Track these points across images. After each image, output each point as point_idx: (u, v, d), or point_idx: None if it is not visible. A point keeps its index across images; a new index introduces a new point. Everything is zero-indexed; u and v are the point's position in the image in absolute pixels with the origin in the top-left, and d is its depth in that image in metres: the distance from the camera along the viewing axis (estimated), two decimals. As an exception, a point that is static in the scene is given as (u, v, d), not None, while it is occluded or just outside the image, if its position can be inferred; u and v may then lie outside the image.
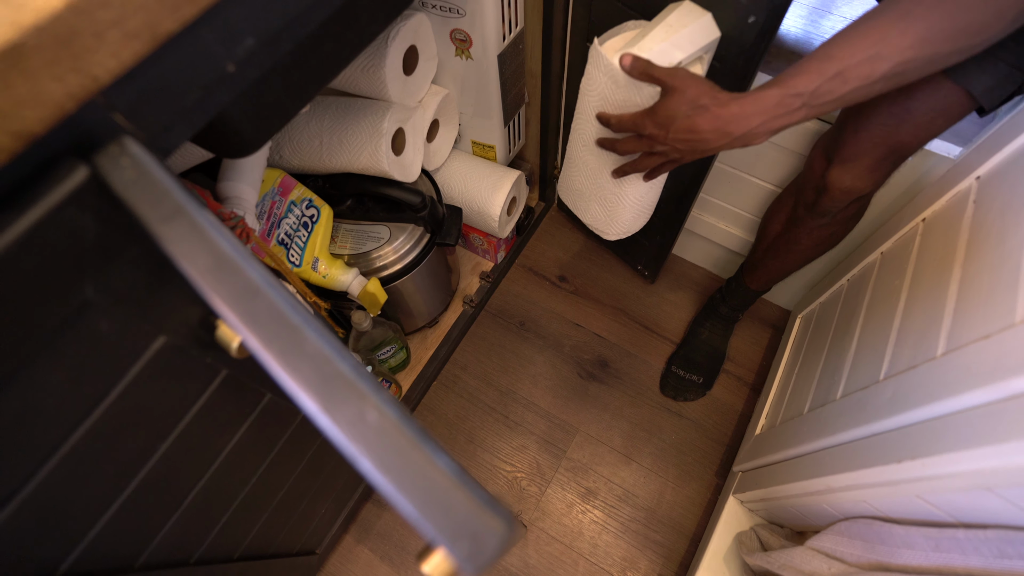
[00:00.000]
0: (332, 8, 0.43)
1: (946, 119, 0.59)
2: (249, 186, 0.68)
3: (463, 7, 0.74)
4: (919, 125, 0.60)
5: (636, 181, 0.72)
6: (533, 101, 1.03)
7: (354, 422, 0.21)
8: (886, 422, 0.52)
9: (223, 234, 0.26)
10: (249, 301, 0.24)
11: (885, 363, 0.59)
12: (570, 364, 1.12)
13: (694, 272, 1.23)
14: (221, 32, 0.33)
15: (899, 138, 0.61)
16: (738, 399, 1.08)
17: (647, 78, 0.55)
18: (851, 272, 0.84)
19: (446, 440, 1.05)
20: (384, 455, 0.20)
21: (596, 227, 0.84)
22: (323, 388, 0.21)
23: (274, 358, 0.22)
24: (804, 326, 0.99)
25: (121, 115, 0.31)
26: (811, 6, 0.86)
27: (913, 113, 0.59)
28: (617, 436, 1.04)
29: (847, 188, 0.66)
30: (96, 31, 0.26)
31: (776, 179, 0.89)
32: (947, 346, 0.50)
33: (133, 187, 0.27)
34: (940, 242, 0.61)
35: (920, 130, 0.60)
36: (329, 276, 0.80)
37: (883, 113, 0.61)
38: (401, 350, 1.01)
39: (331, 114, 0.79)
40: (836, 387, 0.68)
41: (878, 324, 0.66)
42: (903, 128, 0.60)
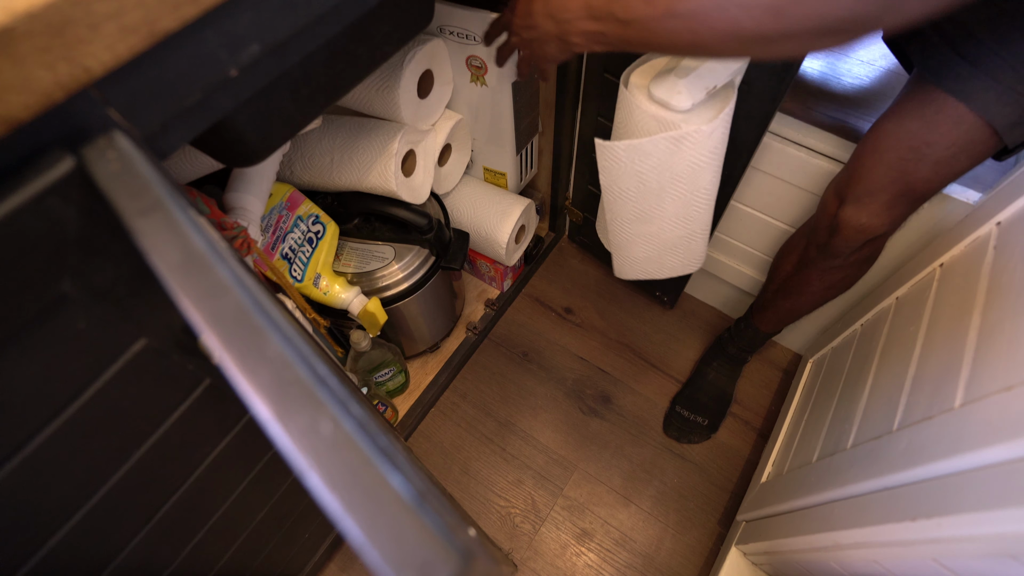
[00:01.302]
0: (342, 24, 0.44)
1: (969, 156, 0.57)
2: (256, 198, 0.68)
3: (479, 34, 0.75)
4: (940, 161, 0.58)
5: (696, 212, 0.74)
6: (546, 131, 1.03)
7: (306, 433, 0.19)
8: (900, 475, 0.49)
9: (200, 232, 0.25)
10: (214, 299, 0.23)
11: (899, 412, 0.56)
12: (572, 398, 1.09)
13: (703, 310, 1.20)
14: (225, 36, 0.33)
15: (918, 174, 0.59)
16: (744, 444, 1.03)
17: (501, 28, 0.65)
18: (865, 317, 0.81)
19: (440, 469, 1.01)
20: (333, 471, 0.18)
21: (677, 272, 0.87)
22: (278, 394, 0.20)
23: (231, 359, 0.21)
24: (815, 371, 0.96)
25: (116, 111, 0.30)
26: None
27: (934, 147, 0.57)
28: (617, 476, 1.00)
29: (861, 227, 0.64)
30: (91, 22, 0.25)
31: (790, 219, 0.88)
32: (966, 397, 0.47)
33: (115, 180, 0.27)
34: (959, 288, 0.58)
35: (941, 167, 0.58)
36: (330, 293, 0.79)
37: (902, 147, 0.59)
38: (400, 373, 1.00)
39: (344, 132, 0.80)
40: (847, 436, 0.65)
41: (892, 371, 0.63)
42: (923, 164, 0.58)
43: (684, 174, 0.67)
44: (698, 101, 0.59)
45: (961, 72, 0.54)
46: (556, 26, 0.51)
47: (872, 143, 0.63)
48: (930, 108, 0.57)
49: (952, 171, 0.58)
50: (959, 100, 0.54)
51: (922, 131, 0.57)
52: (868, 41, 0.89)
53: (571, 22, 0.49)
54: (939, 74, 0.56)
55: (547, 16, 0.51)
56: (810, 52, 0.44)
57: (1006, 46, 0.52)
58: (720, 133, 0.64)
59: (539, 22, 0.52)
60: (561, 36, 0.52)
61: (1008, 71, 0.52)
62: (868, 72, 0.84)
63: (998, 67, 0.52)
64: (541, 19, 0.52)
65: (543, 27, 0.52)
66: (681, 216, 0.75)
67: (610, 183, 0.73)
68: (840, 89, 0.82)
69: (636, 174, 0.69)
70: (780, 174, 0.82)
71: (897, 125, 0.60)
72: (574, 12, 0.49)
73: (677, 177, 0.68)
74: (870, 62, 0.86)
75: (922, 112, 0.58)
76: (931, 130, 0.57)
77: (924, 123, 0.57)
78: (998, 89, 0.52)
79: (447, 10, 0.75)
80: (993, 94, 0.53)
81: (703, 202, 0.73)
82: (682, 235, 0.79)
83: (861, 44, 0.84)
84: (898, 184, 0.61)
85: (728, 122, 0.63)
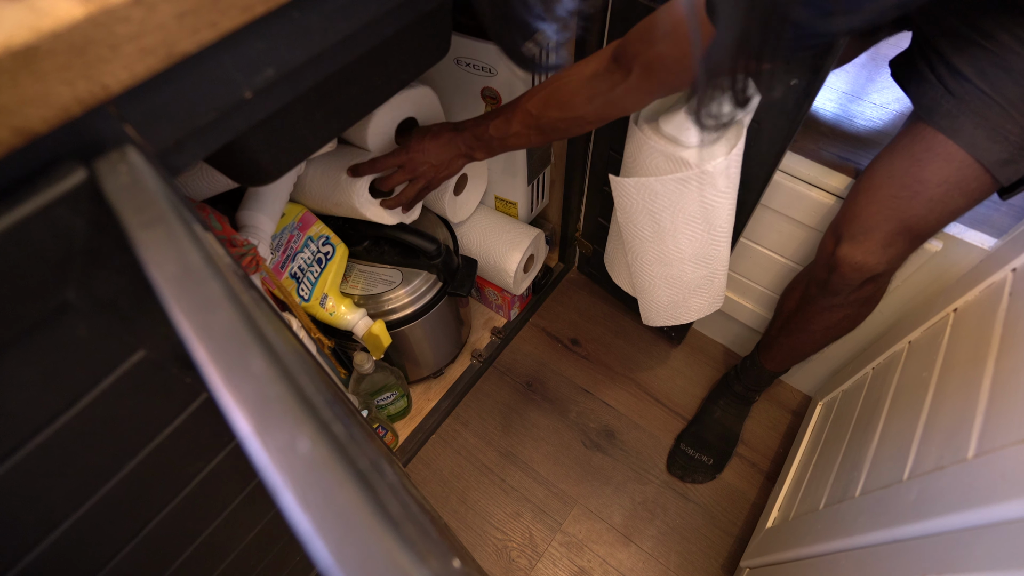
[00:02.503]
0: (357, 52, 0.45)
1: (963, 194, 0.57)
2: (267, 217, 0.69)
3: (495, 67, 0.77)
4: (933, 199, 0.57)
5: (715, 251, 0.75)
6: (559, 162, 1.05)
7: (282, 449, 0.19)
8: (909, 528, 0.47)
9: (201, 247, 0.26)
10: (206, 313, 0.23)
11: (910, 461, 0.54)
12: (575, 431, 1.07)
13: (711, 347, 1.19)
14: (241, 59, 0.35)
15: (912, 211, 0.59)
16: (751, 486, 1.00)
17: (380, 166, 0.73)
18: (876, 360, 0.79)
19: (438, 498, 0.99)
20: (306, 490, 0.18)
21: (703, 313, 0.88)
22: (258, 409, 0.20)
23: (215, 372, 0.21)
24: (825, 413, 0.93)
25: (132, 127, 0.31)
26: (842, 91, 0.87)
27: (926, 185, 0.57)
28: (618, 513, 0.97)
29: (858, 264, 0.63)
30: (112, 43, 0.26)
31: (799, 257, 0.87)
32: (979, 448, 0.45)
33: (123, 192, 0.27)
34: (972, 335, 0.57)
35: (935, 205, 0.58)
36: (336, 314, 0.79)
37: (895, 185, 0.59)
38: (402, 398, 0.99)
39: (334, 157, 0.80)
40: (855, 483, 0.63)
41: (903, 418, 0.61)
42: (916, 201, 0.58)
43: (698, 214, 0.68)
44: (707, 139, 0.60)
45: (951, 110, 0.55)
46: (460, 150, 0.70)
47: (866, 181, 0.63)
48: (920, 145, 0.57)
49: (947, 209, 0.58)
50: (948, 137, 0.55)
51: (913, 168, 0.58)
52: (881, 83, 0.89)
53: (469, 146, 0.69)
54: (930, 111, 0.57)
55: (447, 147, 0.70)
56: None
57: (992, 85, 0.52)
58: (730, 173, 0.64)
59: (443, 154, 0.70)
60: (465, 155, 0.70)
61: (996, 109, 0.52)
62: (881, 115, 0.85)
63: (987, 105, 0.53)
64: (445, 151, 0.70)
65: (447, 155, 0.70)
66: (701, 256, 0.75)
67: (626, 221, 0.74)
68: (852, 130, 0.82)
69: (649, 214, 0.69)
70: (790, 212, 0.82)
71: (889, 163, 0.60)
72: (468, 140, 0.68)
73: (691, 218, 0.68)
74: (883, 105, 0.86)
75: (912, 150, 0.58)
76: (922, 167, 0.57)
77: (914, 161, 0.58)
78: (987, 127, 0.53)
79: (462, 42, 0.77)
80: (982, 131, 0.53)
81: (721, 241, 0.73)
82: (704, 275, 0.79)
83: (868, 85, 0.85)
84: (892, 222, 0.60)
85: (738, 161, 0.64)
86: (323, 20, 0.39)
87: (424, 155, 0.69)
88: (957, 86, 0.55)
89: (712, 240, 0.72)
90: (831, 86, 0.90)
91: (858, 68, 0.94)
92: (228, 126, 0.39)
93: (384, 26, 0.46)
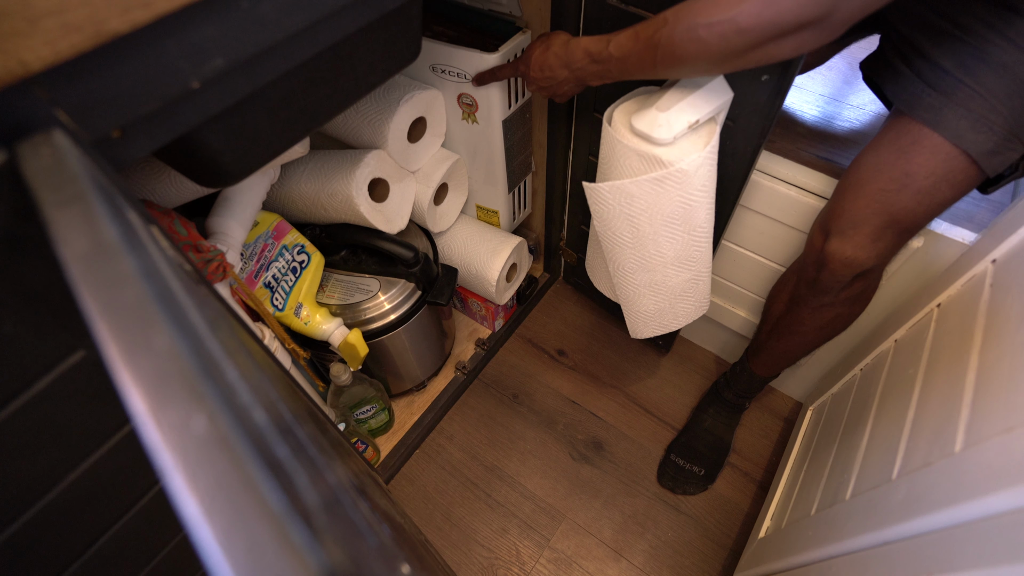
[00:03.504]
0: (318, 47, 0.44)
1: (951, 186, 0.56)
2: (237, 223, 0.67)
3: (471, 73, 0.77)
4: (921, 191, 0.57)
5: (697, 252, 0.73)
6: (540, 171, 1.04)
7: (175, 427, 0.17)
8: (899, 528, 0.45)
9: (120, 225, 0.24)
10: (112, 289, 0.21)
11: (898, 460, 0.52)
12: (562, 443, 1.05)
13: (699, 355, 1.17)
14: (185, 46, 0.33)
15: (900, 204, 0.59)
16: (743, 496, 0.98)
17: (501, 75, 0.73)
18: (864, 361, 0.78)
19: (421, 515, 0.96)
20: (198, 472, 0.16)
21: (691, 318, 0.87)
22: (154, 387, 0.18)
23: (113, 350, 0.19)
24: (815, 419, 0.91)
25: (64, 112, 0.30)
26: (820, 94, 0.87)
27: (913, 177, 0.57)
28: (607, 527, 0.94)
29: (847, 259, 0.63)
30: (30, 16, 0.25)
31: (782, 258, 0.86)
32: (966, 441, 0.43)
33: (42, 173, 0.26)
34: (956, 329, 0.56)
35: (923, 197, 0.57)
36: (311, 323, 0.77)
37: (882, 178, 0.59)
38: (383, 411, 0.96)
39: (322, 158, 0.81)
40: (846, 486, 0.61)
41: (891, 417, 0.60)
42: (904, 194, 0.58)
43: (676, 215, 0.67)
44: (679, 134, 0.59)
45: (933, 103, 0.55)
46: (571, 72, 0.63)
47: (853, 176, 0.63)
48: (906, 139, 0.57)
49: (935, 201, 0.58)
50: (933, 129, 0.55)
51: (900, 161, 0.57)
52: (858, 85, 0.90)
53: (581, 68, 0.61)
54: (912, 105, 0.57)
55: (563, 66, 0.63)
56: (775, 58, 0.48)
57: (973, 76, 0.52)
58: (705, 171, 0.63)
59: (556, 72, 0.64)
60: (576, 79, 0.63)
61: (979, 100, 0.52)
62: (859, 116, 0.85)
63: (969, 97, 0.53)
64: (558, 69, 0.63)
65: (560, 75, 0.64)
66: (683, 259, 0.73)
67: (603, 228, 0.72)
68: (831, 131, 0.82)
69: (627, 218, 0.68)
70: (771, 213, 0.81)
71: (876, 157, 0.60)
72: (581, 60, 0.60)
73: (670, 219, 0.67)
74: (860, 106, 0.86)
75: (899, 143, 0.58)
76: (908, 160, 0.57)
77: (901, 153, 0.57)
78: (971, 118, 0.53)
79: (439, 49, 0.77)
80: (966, 122, 0.53)
81: (702, 241, 0.72)
82: (688, 278, 0.77)
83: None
84: (881, 215, 0.60)
85: (713, 159, 0.63)
86: (276, 11, 0.38)
87: (541, 71, 0.65)
88: (938, 80, 0.55)
89: (693, 241, 0.71)
90: (809, 89, 0.90)
91: (835, 72, 0.94)
92: (178, 118, 0.38)
93: (344, 21, 0.45)
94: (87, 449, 0.39)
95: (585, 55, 0.60)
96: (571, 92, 0.67)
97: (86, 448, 0.39)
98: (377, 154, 0.78)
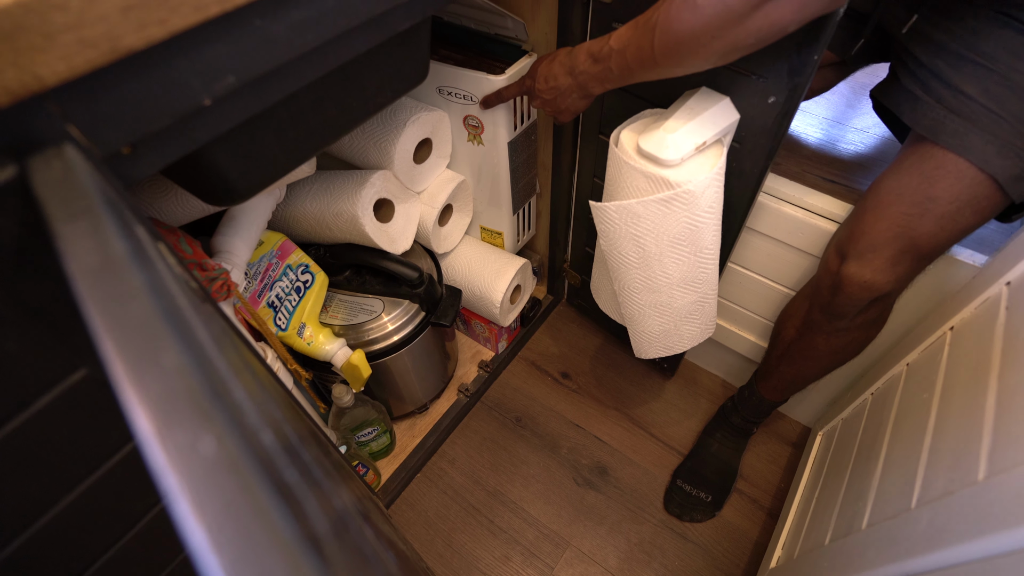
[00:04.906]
0: (327, 68, 0.44)
1: (974, 212, 0.56)
2: (243, 242, 0.67)
3: (477, 95, 0.78)
4: (944, 216, 0.57)
5: (704, 274, 0.73)
6: (544, 193, 1.04)
7: (182, 449, 0.16)
8: (922, 560, 0.43)
9: (128, 240, 0.23)
10: (120, 304, 0.20)
11: (917, 488, 0.51)
12: (566, 468, 1.03)
13: (705, 378, 1.15)
14: (198, 63, 0.33)
15: (922, 229, 0.58)
16: (752, 524, 0.95)
17: (507, 94, 0.73)
18: (875, 385, 0.77)
19: (422, 541, 0.94)
20: (206, 497, 0.15)
21: (697, 340, 0.86)
22: (162, 406, 0.17)
23: (120, 367, 0.18)
24: (825, 444, 0.90)
25: (76, 127, 0.30)
26: (824, 117, 0.88)
27: (936, 202, 0.56)
28: (613, 555, 0.92)
29: (865, 283, 0.62)
30: (47, 31, 0.25)
31: (790, 281, 0.85)
32: (990, 469, 0.42)
33: (52, 187, 0.25)
34: (971, 352, 0.55)
35: (946, 222, 0.57)
36: (314, 344, 0.76)
37: (905, 203, 0.58)
38: (384, 434, 0.95)
39: (327, 178, 0.81)
40: (861, 515, 0.59)
41: (907, 443, 0.58)
42: (926, 219, 0.57)
43: (683, 236, 0.66)
44: (686, 155, 0.59)
45: (957, 128, 0.55)
46: (574, 78, 0.62)
47: (873, 199, 0.62)
48: (929, 164, 0.57)
49: (957, 227, 0.57)
50: (958, 154, 0.55)
51: (923, 186, 0.57)
52: (861, 109, 0.90)
53: (584, 71, 0.60)
54: (935, 131, 0.56)
55: (566, 73, 0.62)
56: (776, 24, 0.46)
57: (998, 103, 0.52)
58: (712, 192, 0.63)
59: (560, 80, 0.63)
60: (579, 84, 0.62)
61: (1005, 126, 0.52)
62: (863, 139, 0.85)
63: (995, 123, 0.53)
64: (562, 77, 0.63)
65: (564, 82, 0.63)
66: (689, 280, 0.73)
67: (610, 247, 0.72)
68: (836, 154, 0.82)
69: (633, 238, 0.68)
70: (777, 235, 0.81)
71: (897, 181, 0.60)
72: (583, 62, 0.60)
73: (676, 240, 0.67)
74: (864, 129, 0.87)
75: (922, 168, 0.57)
76: (931, 185, 0.56)
77: (924, 178, 0.57)
78: (997, 144, 0.53)
79: (445, 71, 0.78)
80: (993, 148, 0.53)
81: (709, 263, 0.71)
82: (694, 300, 0.77)
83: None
84: (902, 239, 0.59)
85: (720, 181, 0.63)
86: (288, 30, 0.38)
87: (546, 82, 0.65)
88: (961, 105, 0.55)
89: (699, 263, 0.71)
90: (813, 113, 0.91)
91: (839, 96, 0.95)
92: (188, 135, 0.37)
93: (355, 42, 0.45)
94: (86, 469, 0.38)
95: (587, 56, 0.59)
96: (574, 106, 0.66)
97: (85, 468, 0.38)
98: (383, 174, 0.79)
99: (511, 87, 0.73)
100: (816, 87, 0.82)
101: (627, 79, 0.57)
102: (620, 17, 0.67)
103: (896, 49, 0.64)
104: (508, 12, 0.76)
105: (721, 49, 0.49)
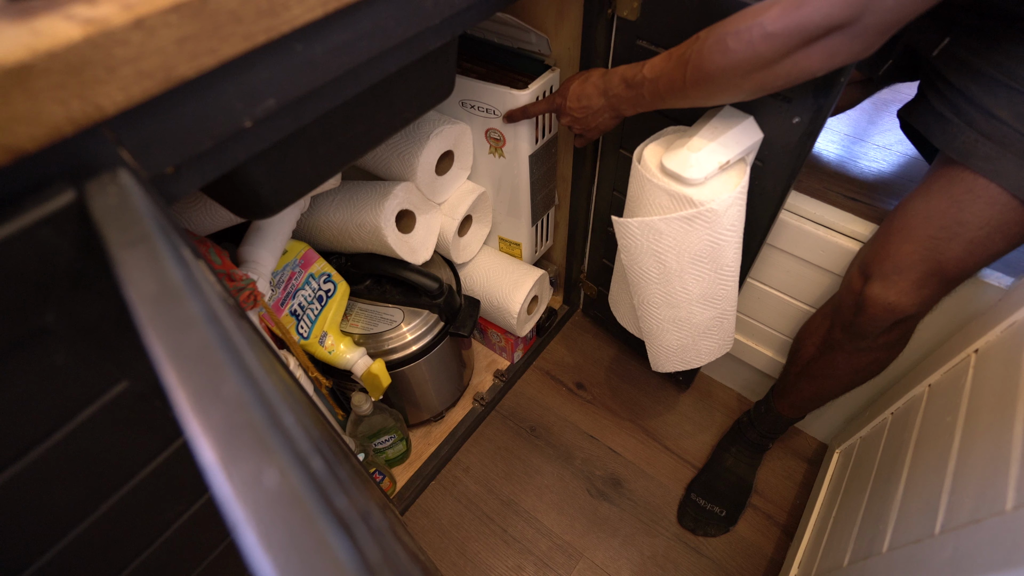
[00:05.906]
0: (361, 87, 0.45)
1: (1004, 237, 0.55)
2: (269, 253, 0.68)
3: (500, 109, 0.78)
4: (973, 241, 0.56)
5: (724, 291, 0.73)
6: (563, 204, 1.05)
7: (248, 482, 0.17)
8: (946, 587, 0.43)
9: (183, 268, 0.24)
10: (180, 333, 0.21)
11: (941, 513, 0.50)
12: (580, 479, 1.03)
13: (721, 392, 1.15)
14: (242, 88, 0.34)
15: (950, 253, 0.57)
16: (767, 541, 0.95)
17: (534, 111, 0.74)
18: (895, 405, 0.76)
19: (436, 550, 0.94)
20: (271, 528, 0.16)
21: (714, 356, 0.85)
22: (225, 437, 0.18)
23: (183, 396, 0.19)
24: (843, 462, 0.89)
25: (127, 151, 0.31)
26: (845, 134, 0.87)
27: (966, 227, 0.56)
28: (626, 568, 0.92)
29: (889, 305, 0.61)
30: (109, 65, 0.26)
31: (811, 298, 0.85)
32: (1018, 499, 0.42)
33: (110, 213, 0.26)
34: (997, 376, 0.54)
35: (975, 247, 0.56)
36: (335, 352, 0.78)
37: (933, 226, 0.58)
38: (401, 441, 0.95)
39: (351, 189, 0.82)
40: (882, 537, 0.59)
41: (930, 465, 0.58)
42: (955, 243, 0.57)
43: (704, 254, 0.67)
44: (710, 174, 0.59)
45: (990, 152, 0.54)
46: (607, 100, 0.64)
47: (900, 221, 0.62)
48: (959, 187, 0.56)
49: (987, 252, 0.57)
50: (990, 179, 0.54)
51: (952, 210, 0.56)
52: (883, 126, 0.90)
53: (616, 95, 0.62)
54: (966, 155, 0.56)
55: (600, 94, 0.64)
56: (805, 70, 0.47)
57: None
58: (735, 211, 0.63)
59: (593, 101, 0.65)
60: (611, 106, 0.64)
61: None
62: (885, 156, 0.85)
63: None
64: (595, 98, 0.65)
65: (596, 103, 0.65)
66: (709, 297, 0.73)
67: (631, 262, 0.72)
68: (857, 172, 0.82)
69: (654, 254, 0.68)
70: (798, 252, 0.80)
71: (926, 204, 0.59)
72: (617, 86, 0.61)
73: (697, 257, 0.67)
74: (886, 147, 0.86)
75: (951, 191, 0.57)
76: (961, 209, 0.56)
77: (954, 202, 0.57)
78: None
79: (469, 84, 0.79)
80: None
81: (729, 280, 0.71)
82: (713, 316, 0.77)
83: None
84: (928, 262, 0.59)
85: (743, 200, 0.63)
86: (326, 54, 0.39)
87: (578, 101, 0.66)
88: (993, 130, 0.54)
89: (720, 280, 0.71)
90: (834, 129, 0.91)
91: (860, 112, 0.95)
92: (227, 155, 0.39)
93: (387, 62, 0.47)
94: (121, 479, 0.39)
95: (621, 81, 0.61)
96: (604, 125, 0.67)
97: (120, 477, 0.39)
98: (406, 186, 0.80)
99: (539, 104, 0.74)
100: (841, 104, 0.82)
101: (658, 105, 0.59)
102: (643, 34, 0.68)
103: (926, 71, 0.63)
104: (532, 27, 0.77)
105: (750, 88, 0.50)
